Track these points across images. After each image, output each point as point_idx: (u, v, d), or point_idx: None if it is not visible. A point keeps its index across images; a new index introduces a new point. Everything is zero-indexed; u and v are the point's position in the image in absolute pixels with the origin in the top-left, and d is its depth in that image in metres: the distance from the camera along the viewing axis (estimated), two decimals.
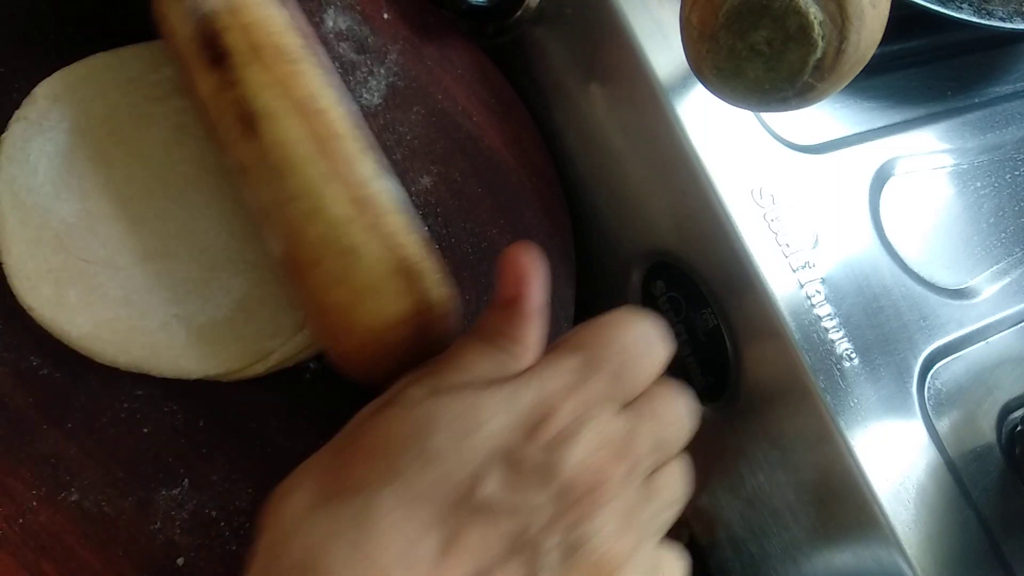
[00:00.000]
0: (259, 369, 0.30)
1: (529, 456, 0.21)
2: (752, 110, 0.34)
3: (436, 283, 0.27)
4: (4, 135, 0.30)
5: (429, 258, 0.27)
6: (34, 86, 0.31)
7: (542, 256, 0.25)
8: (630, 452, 0.22)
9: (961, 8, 0.37)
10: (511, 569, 0.21)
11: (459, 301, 0.28)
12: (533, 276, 0.24)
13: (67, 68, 0.31)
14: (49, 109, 0.30)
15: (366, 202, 0.26)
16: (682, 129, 0.33)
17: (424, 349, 0.26)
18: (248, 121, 0.26)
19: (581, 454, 0.21)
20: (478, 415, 0.21)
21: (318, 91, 0.28)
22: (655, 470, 0.24)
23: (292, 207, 0.26)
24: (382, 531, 0.20)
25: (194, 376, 0.29)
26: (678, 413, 0.24)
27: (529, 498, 0.21)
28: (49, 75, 0.31)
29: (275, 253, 0.27)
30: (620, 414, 0.23)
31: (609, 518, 0.21)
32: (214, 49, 0.27)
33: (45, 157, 0.30)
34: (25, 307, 0.28)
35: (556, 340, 0.24)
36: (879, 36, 0.27)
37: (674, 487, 0.24)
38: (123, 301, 0.29)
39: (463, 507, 0.20)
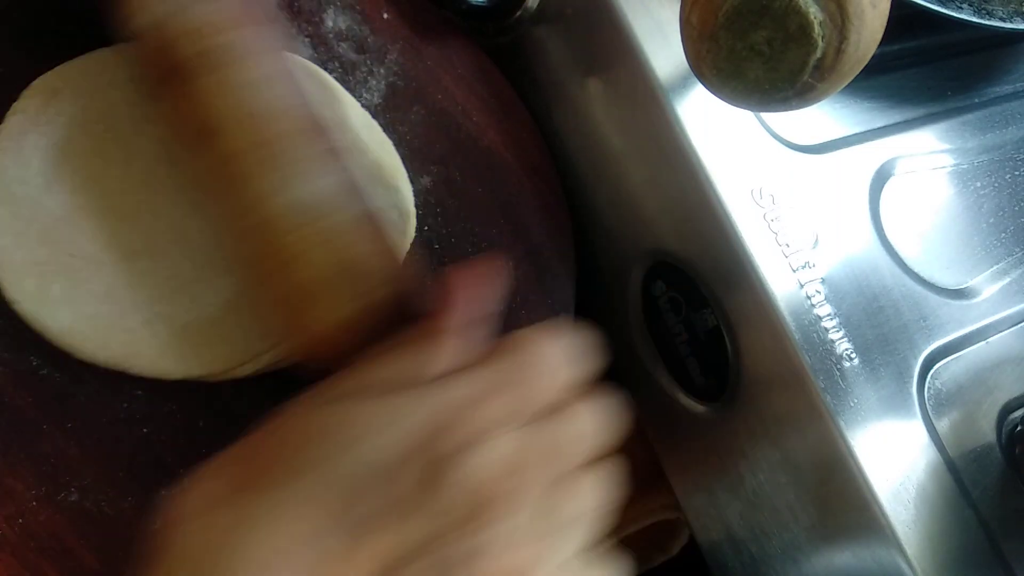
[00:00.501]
0: (247, 370, 0.29)
1: (432, 464, 0.21)
2: (752, 110, 0.34)
3: (383, 281, 0.27)
4: (0, 127, 0.30)
5: (377, 254, 0.27)
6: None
7: (493, 279, 0.25)
8: (526, 466, 0.22)
9: (961, 8, 0.37)
10: (414, 572, 0.21)
11: (423, 276, 0.28)
12: (468, 294, 0.25)
13: (67, 63, 0.31)
14: (47, 103, 0.30)
15: (301, 211, 0.26)
16: (682, 129, 0.33)
17: (390, 332, 0.26)
18: (199, 135, 0.26)
19: (477, 467, 0.21)
20: (385, 419, 0.22)
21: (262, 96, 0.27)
22: (565, 482, 0.24)
23: (241, 222, 0.26)
24: (278, 532, 0.20)
25: (174, 376, 0.29)
26: (584, 426, 0.24)
27: (430, 508, 0.21)
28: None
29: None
30: (522, 429, 0.23)
31: (504, 530, 0.22)
32: (165, 63, 0.27)
33: (39, 150, 0.29)
34: (8, 300, 0.28)
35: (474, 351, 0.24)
36: (879, 36, 0.27)
37: (583, 499, 0.24)
38: (106, 297, 0.28)
39: (357, 512, 0.21)
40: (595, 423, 0.24)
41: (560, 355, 0.24)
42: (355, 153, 0.34)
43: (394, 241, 0.28)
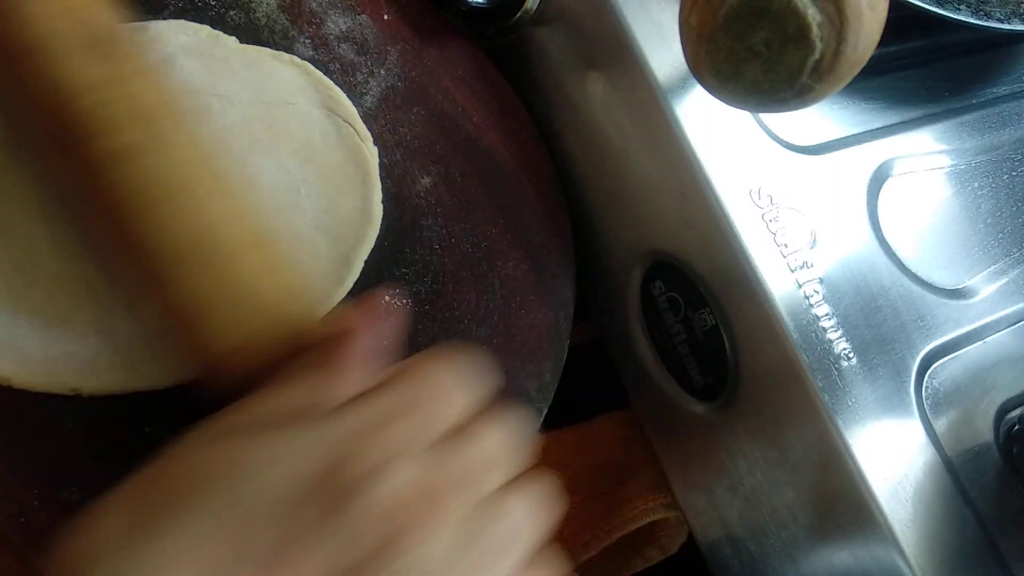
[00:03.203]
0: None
1: (335, 494, 0.21)
2: (751, 111, 0.34)
3: (284, 314, 0.26)
4: None
5: (280, 288, 0.27)
6: None
7: (388, 311, 0.25)
8: (436, 490, 0.22)
9: (959, 9, 0.37)
10: None
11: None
12: (366, 325, 0.24)
13: None
14: None
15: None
16: (681, 130, 0.33)
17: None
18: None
19: (384, 493, 0.21)
20: (279, 451, 0.21)
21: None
22: (489, 505, 0.23)
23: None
24: (181, 572, 0.20)
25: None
26: (490, 446, 0.24)
27: (338, 537, 0.20)
28: None
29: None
30: (427, 453, 0.22)
31: (425, 555, 0.21)
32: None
33: None
34: None
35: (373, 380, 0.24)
36: (877, 37, 0.27)
37: (510, 520, 0.23)
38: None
39: (257, 547, 0.20)
40: (502, 442, 0.24)
41: (454, 377, 0.24)
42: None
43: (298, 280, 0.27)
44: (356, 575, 0.20)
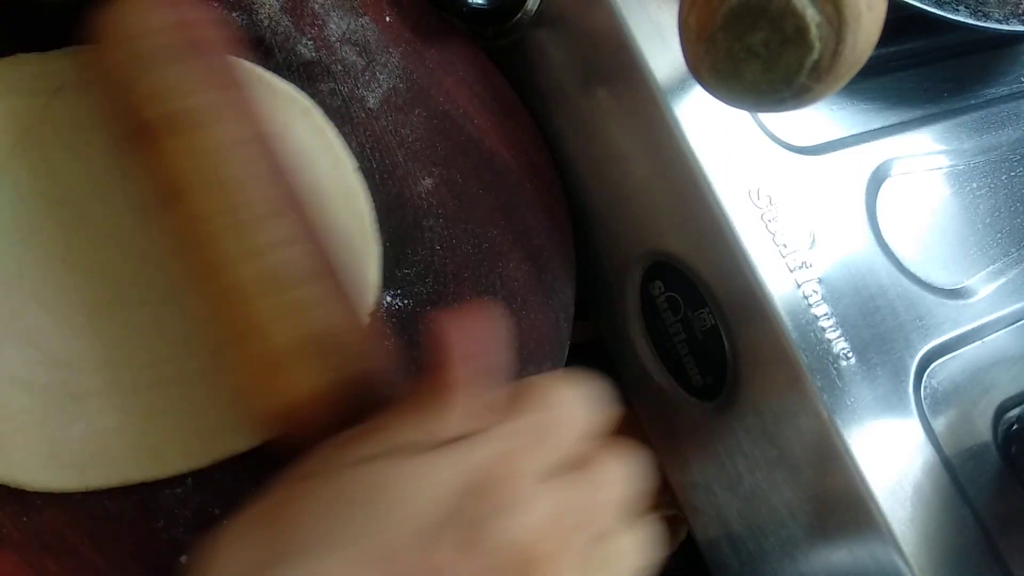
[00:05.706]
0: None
1: (471, 525, 0.21)
2: (749, 111, 0.34)
3: (353, 356, 0.26)
4: None
5: (351, 328, 0.27)
6: None
7: (484, 324, 0.24)
8: (563, 526, 0.22)
9: (957, 10, 0.37)
10: None
11: (396, 359, 0.28)
12: (460, 345, 0.23)
13: None
14: None
15: (270, 277, 0.26)
16: (680, 130, 0.33)
17: (358, 413, 0.25)
18: (166, 195, 0.26)
19: (515, 530, 0.21)
20: (414, 483, 0.21)
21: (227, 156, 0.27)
22: (604, 540, 0.23)
23: (208, 285, 0.26)
24: None
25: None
26: (614, 478, 0.24)
27: (475, 570, 0.21)
28: None
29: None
30: (555, 487, 0.23)
31: None
32: (133, 121, 0.27)
33: None
34: None
35: (487, 402, 0.24)
36: (875, 38, 0.27)
37: (623, 558, 0.24)
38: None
39: (411, 570, 0.20)
40: (624, 474, 0.24)
41: (580, 404, 0.24)
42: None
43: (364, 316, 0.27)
44: None
